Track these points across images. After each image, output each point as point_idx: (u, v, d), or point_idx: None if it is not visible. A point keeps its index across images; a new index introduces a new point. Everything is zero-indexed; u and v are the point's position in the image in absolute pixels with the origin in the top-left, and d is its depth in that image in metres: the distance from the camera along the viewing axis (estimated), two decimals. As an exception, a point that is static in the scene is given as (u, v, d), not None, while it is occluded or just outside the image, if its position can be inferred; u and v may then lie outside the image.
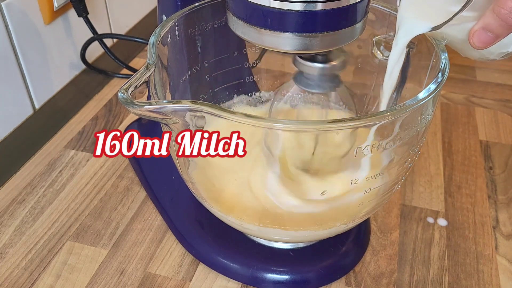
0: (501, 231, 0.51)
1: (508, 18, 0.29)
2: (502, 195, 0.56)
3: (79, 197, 0.55)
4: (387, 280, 0.46)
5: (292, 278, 0.45)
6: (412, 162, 0.40)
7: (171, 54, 0.43)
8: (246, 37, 0.36)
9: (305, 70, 0.40)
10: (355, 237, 0.48)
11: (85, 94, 0.72)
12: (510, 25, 0.30)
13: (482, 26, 0.31)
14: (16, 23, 0.61)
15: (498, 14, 0.30)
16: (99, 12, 0.78)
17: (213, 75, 0.49)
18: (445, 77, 0.35)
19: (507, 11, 0.29)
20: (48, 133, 0.64)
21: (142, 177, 0.56)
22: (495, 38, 0.31)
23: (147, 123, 0.59)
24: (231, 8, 0.36)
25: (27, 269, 0.47)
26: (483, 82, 0.76)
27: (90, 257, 0.48)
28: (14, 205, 0.53)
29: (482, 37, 0.31)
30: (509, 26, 0.30)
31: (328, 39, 0.34)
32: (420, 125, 0.36)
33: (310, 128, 0.34)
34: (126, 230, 0.51)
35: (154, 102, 0.32)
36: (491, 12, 0.30)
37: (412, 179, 0.57)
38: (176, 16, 0.42)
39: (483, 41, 0.31)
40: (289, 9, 0.32)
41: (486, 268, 0.47)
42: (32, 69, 0.65)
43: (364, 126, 0.33)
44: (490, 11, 0.30)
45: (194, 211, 0.50)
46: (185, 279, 0.46)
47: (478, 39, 0.31)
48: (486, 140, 0.64)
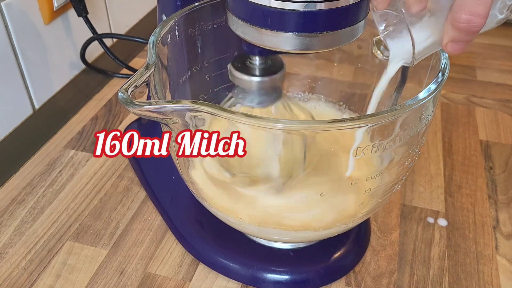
0: (501, 231, 0.51)
1: (468, 28, 0.30)
2: (502, 195, 0.56)
3: (79, 197, 0.54)
4: (387, 280, 0.46)
5: (292, 278, 0.44)
6: (412, 162, 0.40)
7: (171, 54, 0.43)
8: (246, 37, 0.36)
9: (242, 84, 0.38)
10: (355, 237, 0.48)
11: (85, 94, 0.72)
12: (473, 32, 0.31)
13: (449, 40, 0.32)
14: (15, 23, 0.61)
15: (458, 28, 0.31)
16: (99, 12, 0.78)
17: (213, 75, 0.49)
18: (445, 77, 0.35)
19: (465, 24, 0.30)
20: (48, 133, 0.64)
21: (142, 177, 0.56)
22: (466, 42, 0.32)
23: (147, 123, 0.59)
24: (231, 8, 0.36)
25: (27, 269, 0.47)
26: (483, 82, 0.76)
27: (90, 257, 0.48)
28: (14, 205, 0.53)
29: (455, 46, 0.32)
30: (472, 33, 0.31)
31: (328, 39, 0.34)
32: (420, 125, 0.36)
33: (310, 128, 0.34)
34: (126, 230, 0.51)
35: (154, 102, 0.32)
36: (452, 27, 0.31)
37: (412, 179, 0.57)
38: (176, 16, 0.42)
39: (457, 49, 0.32)
40: (289, 9, 0.32)
41: (486, 268, 0.47)
42: (31, 69, 0.65)
43: (364, 126, 0.33)
44: (449, 26, 0.31)
45: (194, 211, 0.50)
46: (185, 279, 0.46)
47: (452, 49, 0.32)
48: (486, 140, 0.64)
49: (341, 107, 0.53)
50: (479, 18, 0.29)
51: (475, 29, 0.30)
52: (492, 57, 0.83)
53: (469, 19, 0.30)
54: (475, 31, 0.30)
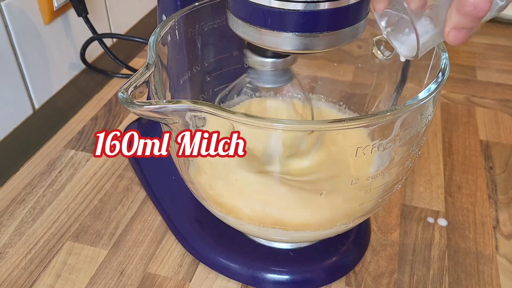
0: (501, 231, 0.51)
1: (474, 13, 0.30)
2: (502, 195, 0.56)
3: (79, 197, 0.54)
4: (387, 280, 0.46)
5: (292, 278, 0.44)
6: (412, 162, 0.40)
7: (171, 54, 0.43)
8: (246, 37, 0.36)
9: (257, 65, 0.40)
10: (355, 237, 0.48)
11: (84, 94, 0.72)
12: (478, 17, 0.31)
13: (453, 26, 0.32)
14: (15, 23, 0.61)
15: (464, 12, 0.31)
16: (98, 12, 0.78)
17: (213, 75, 0.49)
18: (446, 77, 0.35)
19: (471, 8, 0.30)
20: (48, 133, 0.64)
21: (142, 177, 0.56)
22: (469, 30, 0.32)
23: (147, 123, 0.59)
24: (231, 7, 0.36)
25: (27, 269, 0.47)
26: (484, 82, 0.76)
27: (89, 257, 0.48)
28: (14, 205, 0.53)
29: (457, 35, 0.32)
30: (478, 18, 0.31)
31: (329, 39, 0.34)
32: (421, 125, 0.36)
33: (310, 128, 0.34)
34: (126, 230, 0.51)
35: (154, 102, 0.32)
36: (456, 12, 0.31)
37: (412, 179, 0.57)
38: (176, 15, 0.42)
39: (459, 38, 0.32)
40: (289, 8, 0.32)
41: (486, 268, 0.47)
42: (31, 69, 0.65)
43: (365, 126, 0.33)
44: (454, 11, 0.31)
45: (194, 211, 0.50)
46: (185, 279, 0.46)
47: (455, 38, 0.32)
48: (486, 140, 0.64)
49: (341, 107, 0.53)
50: (484, 1, 0.30)
51: (481, 14, 0.30)
52: (492, 57, 0.83)
53: (475, 3, 0.30)
54: (480, 16, 0.30)
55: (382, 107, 0.48)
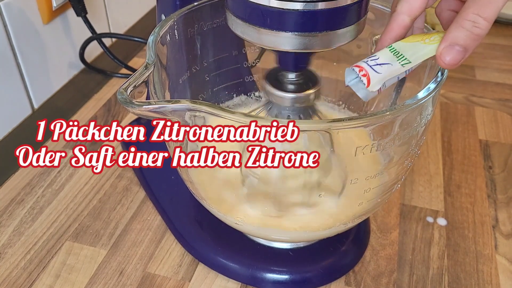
0: (500, 231, 0.51)
1: (473, 28, 0.30)
2: (501, 194, 0.56)
3: (78, 197, 0.54)
4: (386, 280, 0.46)
5: (292, 278, 0.44)
6: (411, 161, 0.40)
7: (170, 54, 0.43)
8: (246, 37, 0.36)
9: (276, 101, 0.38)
10: (355, 237, 0.48)
11: (84, 93, 0.72)
12: (476, 34, 0.30)
13: (450, 42, 0.31)
14: (14, 23, 0.61)
15: (462, 26, 0.30)
16: (98, 12, 0.78)
17: (213, 75, 0.49)
18: (445, 77, 0.35)
19: (470, 21, 0.30)
20: (47, 133, 0.64)
21: (141, 177, 0.56)
22: (464, 52, 0.31)
23: (146, 123, 0.59)
24: (230, 7, 0.36)
25: (26, 270, 0.47)
26: (483, 82, 0.76)
27: (89, 257, 0.48)
28: (13, 205, 0.53)
29: (451, 53, 0.31)
30: (476, 36, 0.30)
31: (328, 39, 0.34)
32: (420, 125, 0.36)
33: (310, 128, 0.34)
34: (125, 230, 0.51)
35: (153, 102, 0.32)
36: (456, 26, 0.31)
37: (411, 179, 0.57)
38: (175, 15, 0.42)
39: (453, 57, 0.31)
40: (288, 8, 0.32)
41: (485, 267, 0.47)
42: (30, 68, 0.65)
43: (364, 125, 0.33)
44: (453, 25, 0.31)
45: (193, 211, 0.50)
46: (185, 279, 0.46)
47: (448, 55, 0.31)
48: (485, 140, 0.64)
49: (341, 107, 0.53)
50: (484, 20, 0.30)
51: (477, 31, 0.30)
52: (492, 57, 0.83)
53: (475, 18, 0.30)
54: (477, 35, 0.30)
55: (382, 107, 0.48)
